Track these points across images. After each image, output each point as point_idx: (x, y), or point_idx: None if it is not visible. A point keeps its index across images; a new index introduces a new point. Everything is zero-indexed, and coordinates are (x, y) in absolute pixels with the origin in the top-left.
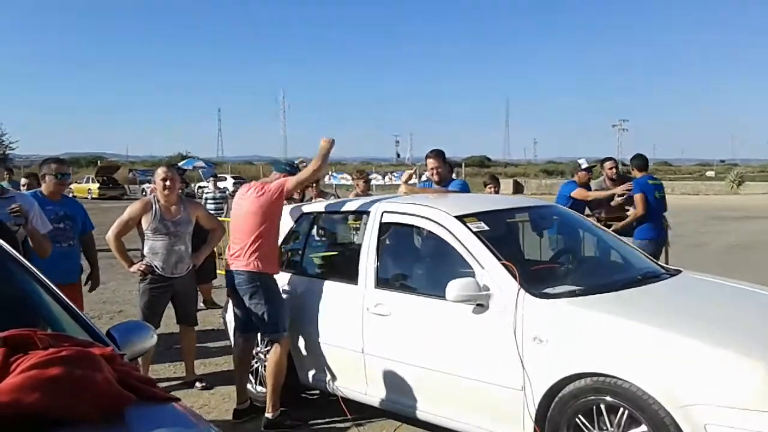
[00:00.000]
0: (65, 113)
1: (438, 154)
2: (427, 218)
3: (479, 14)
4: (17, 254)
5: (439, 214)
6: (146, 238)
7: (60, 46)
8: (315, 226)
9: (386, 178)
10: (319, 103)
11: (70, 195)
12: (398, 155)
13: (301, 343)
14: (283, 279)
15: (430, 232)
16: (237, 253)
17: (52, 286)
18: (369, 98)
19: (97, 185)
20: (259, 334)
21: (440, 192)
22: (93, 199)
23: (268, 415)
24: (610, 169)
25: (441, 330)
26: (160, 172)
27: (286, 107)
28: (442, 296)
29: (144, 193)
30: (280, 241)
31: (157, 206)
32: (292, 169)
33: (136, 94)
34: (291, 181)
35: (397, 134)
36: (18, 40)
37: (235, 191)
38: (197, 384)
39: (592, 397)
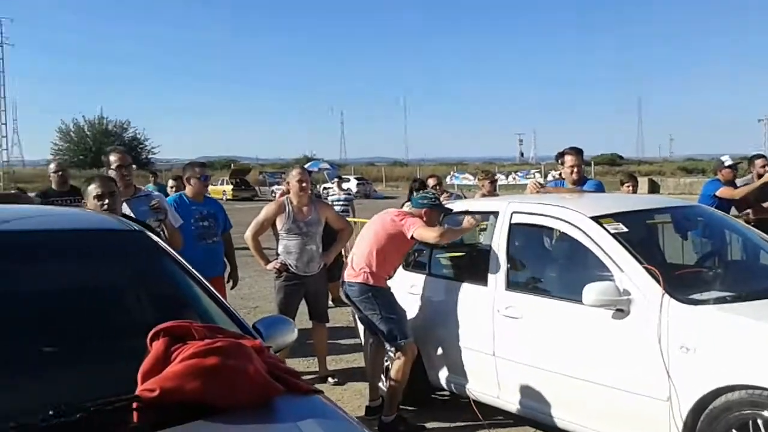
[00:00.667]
0: (200, 119)
1: (577, 152)
2: (560, 219)
3: (605, 6)
4: (171, 250)
5: (574, 215)
6: (280, 238)
7: (193, 59)
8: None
9: (510, 177)
10: (441, 102)
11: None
12: (522, 154)
13: (431, 343)
14: (410, 279)
15: (563, 233)
16: (352, 262)
17: (204, 280)
18: (491, 96)
19: (231, 187)
20: None
21: (573, 192)
22: (227, 200)
23: (384, 417)
24: (762, 167)
25: (577, 335)
26: (296, 174)
27: (407, 108)
28: (578, 300)
29: (273, 195)
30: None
31: (290, 207)
32: (430, 203)
33: (264, 100)
34: (417, 233)
35: (521, 132)
36: (158, 53)
37: (358, 192)
38: (330, 379)
39: (748, 411)
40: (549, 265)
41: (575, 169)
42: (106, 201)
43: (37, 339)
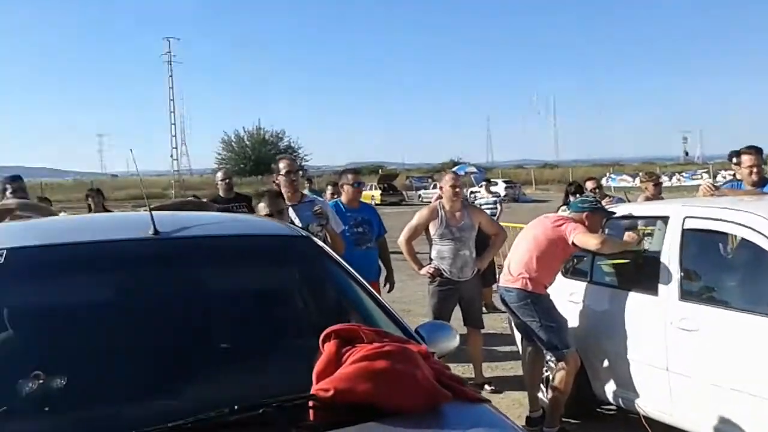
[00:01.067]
0: (349, 127)
1: (757, 151)
2: (741, 224)
3: None
4: (336, 255)
5: (757, 220)
6: (434, 243)
7: (340, 66)
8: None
9: (674, 179)
10: (593, 100)
11: None
12: (686, 153)
13: (595, 354)
14: (570, 286)
15: (743, 239)
16: (510, 268)
17: (368, 285)
18: (650, 92)
19: (380, 192)
20: None
21: (753, 194)
22: (376, 205)
23: (547, 429)
24: None
25: (762, 350)
26: (449, 179)
27: (557, 108)
28: (764, 313)
29: (420, 199)
30: None
31: (443, 213)
32: (591, 207)
33: (406, 104)
34: (578, 239)
35: (686, 130)
36: (303, 60)
37: (506, 196)
38: (486, 387)
39: None
40: (728, 274)
41: (754, 170)
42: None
43: (215, 338)
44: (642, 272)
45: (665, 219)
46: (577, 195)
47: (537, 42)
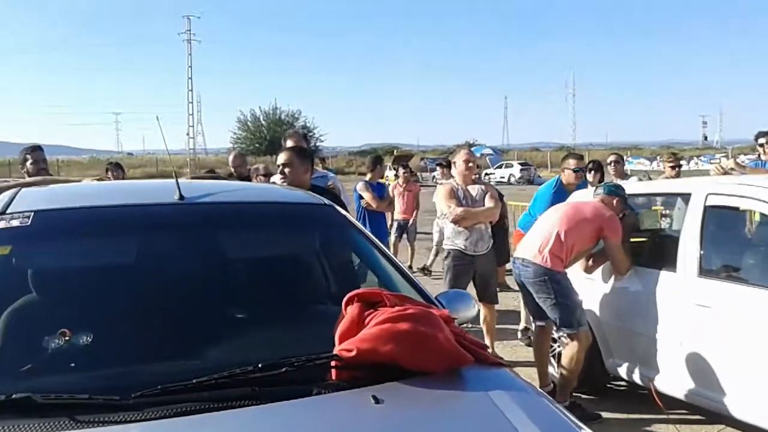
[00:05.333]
0: (363, 107)
1: None
2: (765, 201)
3: None
4: (358, 224)
5: None
6: (449, 219)
7: (356, 46)
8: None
9: (692, 162)
10: (611, 84)
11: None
12: (705, 138)
13: (609, 329)
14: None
15: (765, 216)
16: (529, 242)
17: (388, 251)
18: (669, 75)
19: (394, 173)
20: None
21: None
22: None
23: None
24: None
25: None
26: (462, 154)
27: (575, 90)
28: None
29: (435, 180)
30: None
31: (460, 188)
32: (624, 195)
33: (425, 85)
34: (611, 244)
35: (705, 114)
36: (324, 44)
37: (521, 177)
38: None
39: None
40: (749, 252)
41: None
42: (287, 170)
43: (238, 301)
44: (660, 249)
45: (687, 196)
46: (595, 173)
47: (554, 22)
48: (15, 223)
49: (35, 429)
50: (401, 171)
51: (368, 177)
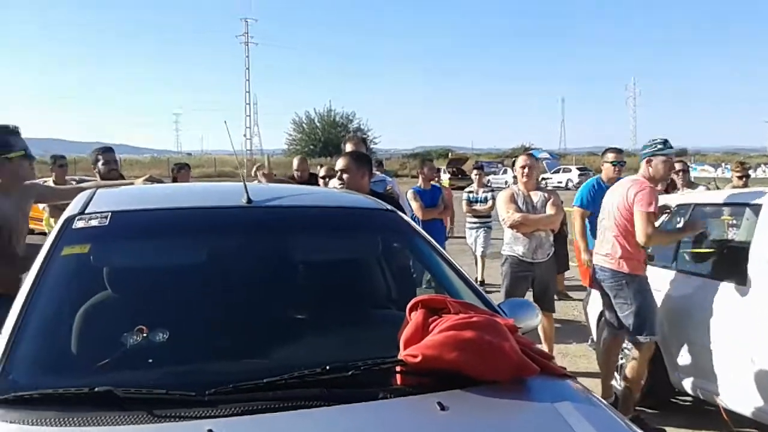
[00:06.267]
0: (418, 110)
1: None
2: None
3: None
4: (419, 228)
5: None
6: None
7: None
8: (687, 219)
9: (758, 170)
10: (673, 88)
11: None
12: None
13: (675, 342)
14: (652, 273)
15: None
16: (602, 248)
17: (452, 260)
18: (734, 80)
19: (448, 176)
20: None
21: None
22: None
23: None
24: None
25: None
26: (520, 160)
27: (636, 94)
28: None
29: (489, 183)
30: None
31: (521, 194)
32: (651, 151)
33: (480, 87)
34: (638, 215)
35: None
36: (377, 47)
37: (579, 183)
38: None
39: None
40: None
41: None
42: (345, 176)
43: (303, 303)
44: (729, 261)
45: (756, 207)
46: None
47: (613, 23)
48: (94, 222)
49: (115, 421)
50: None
51: (419, 182)
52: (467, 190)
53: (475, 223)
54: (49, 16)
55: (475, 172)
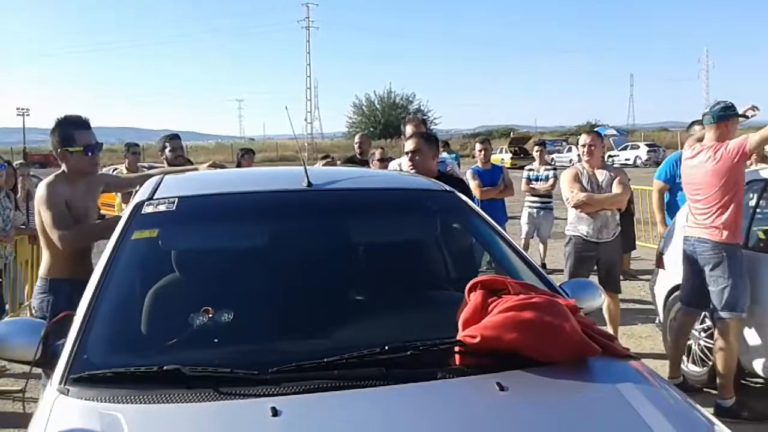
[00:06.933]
0: (478, 88)
1: None
2: None
3: None
4: (480, 210)
5: None
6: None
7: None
8: (764, 195)
9: None
10: (746, 60)
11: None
12: None
13: (746, 323)
14: None
15: None
16: (698, 221)
17: (512, 241)
18: None
19: (510, 155)
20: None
21: None
22: (507, 168)
23: (722, 401)
24: None
25: None
26: (582, 138)
27: (709, 67)
28: None
29: (553, 163)
30: None
31: (585, 172)
32: (727, 114)
33: (543, 64)
34: (753, 139)
35: None
36: (436, 26)
37: (648, 159)
38: None
39: None
40: None
41: None
42: (416, 157)
43: (364, 284)
44: None
45: None
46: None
47: None
48: (162, 208)
49: (183, 398)
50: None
51: (477, 162)
52: (527, 167)
53: (535, 202)
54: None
55: (536, 148)
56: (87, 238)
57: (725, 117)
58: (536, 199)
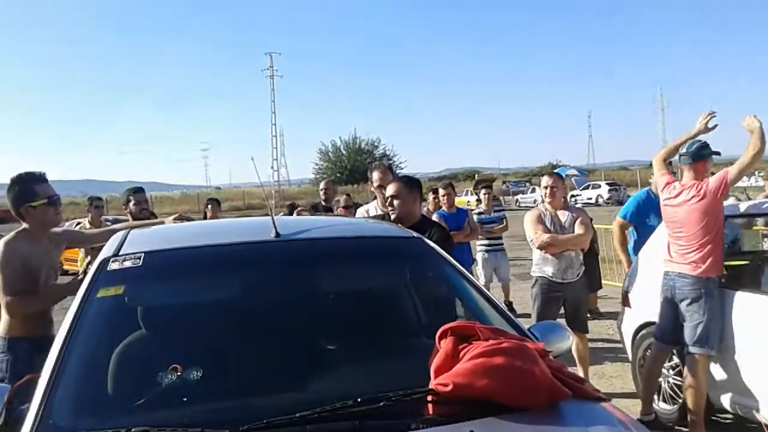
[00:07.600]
0: (442, 132)
1: None
2: None
3: None
4: (448, 256)
5: None
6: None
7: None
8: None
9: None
10: (704, 97)
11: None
12: None
13: (713, 359)
14: None
15: None
16: (680, 256)
17: (480, 285)
18: (763, 84)
19: (476, 198)
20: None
21: None
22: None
23: None
24: None
25: None
26: (544, 180)
27: (664, 104)
28: None
29: (518, 204)
30: None
31: (548, 213)
32: (703, 153)
33: (505, 105)
34: (732, 172)
35: None
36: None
37: (610, 198)
38: None
39: None
40: None
41: None
42: (395, 202)
43: (333, 335)
44: (766, 273)
45: None
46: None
47: (640, 32)
48: (127, 264)
49: None
50: (482, 195)
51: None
52: (476, 211)
53: (489, 245)
54: (73, 60)
55: (483, 192)
56: (36, 305)
57: (703, 156)
58: (489, 241)
